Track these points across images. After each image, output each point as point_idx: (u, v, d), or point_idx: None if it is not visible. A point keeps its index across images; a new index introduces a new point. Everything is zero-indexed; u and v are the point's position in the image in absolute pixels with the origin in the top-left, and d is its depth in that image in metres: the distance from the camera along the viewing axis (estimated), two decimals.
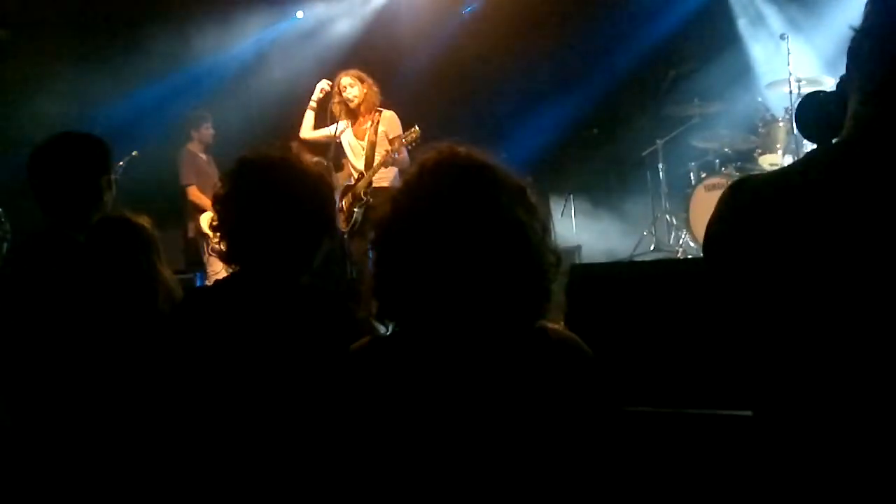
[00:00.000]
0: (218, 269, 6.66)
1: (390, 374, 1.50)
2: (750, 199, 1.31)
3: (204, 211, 6.71)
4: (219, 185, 2.05)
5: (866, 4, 1.27)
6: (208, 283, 6.61)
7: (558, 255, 1.58)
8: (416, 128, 5.71)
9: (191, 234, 6.88)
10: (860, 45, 1.26)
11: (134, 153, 6.43)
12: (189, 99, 7.60)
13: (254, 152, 2.03)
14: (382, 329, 1.74)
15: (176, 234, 7.13)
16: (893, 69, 1.21)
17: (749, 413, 1.32)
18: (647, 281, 4.72)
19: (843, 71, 4.50)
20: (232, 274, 2.00)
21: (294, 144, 6.28)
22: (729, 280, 1.31)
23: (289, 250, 1.96)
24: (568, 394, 1.45)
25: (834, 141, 1.31)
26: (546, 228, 1.58)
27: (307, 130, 6.23)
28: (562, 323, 3.35)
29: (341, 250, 5.91)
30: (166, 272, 2.53)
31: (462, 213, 1.47)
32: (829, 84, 6.33)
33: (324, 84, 6.11)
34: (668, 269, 5.37)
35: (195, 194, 6.82)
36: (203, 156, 7.04)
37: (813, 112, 2.28)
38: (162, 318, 2.34)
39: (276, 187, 1.95)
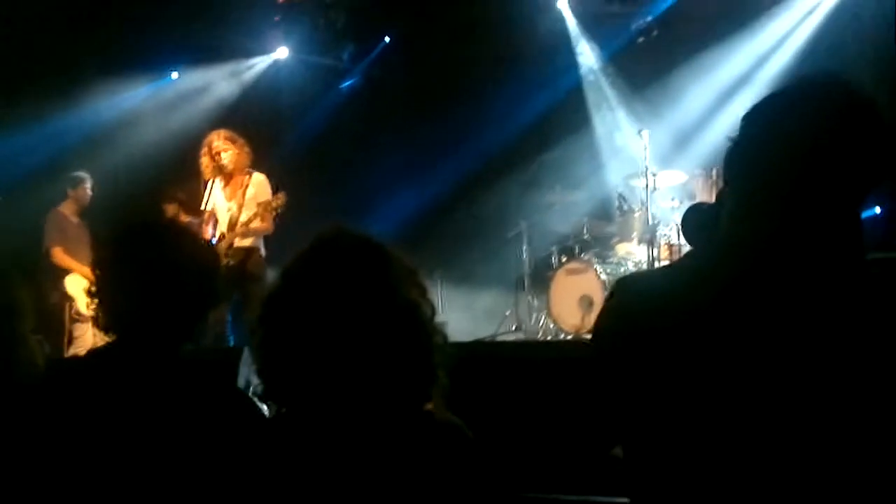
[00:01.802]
0: (81, 334, 6.32)
1: (275, 457, 1.47)
2: (632, 298, 1.39)
3: (69, 273, 6.40)
4: (99, 248, 1.96)
5: (743, 115, 1.38)
6: (71, 348, 6.26)
7: (446, 336, 1.59)
8: (282, 195, 5.75)
9: (52, 298, 6.43)
10: (736, 154, 1.37)
11: None
12: (50, 154, 7.32)
13: (139, 217, 1.97)
14: (264, 408, 1.71)
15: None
16: (766, 177, 1.32)
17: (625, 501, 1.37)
18: (510, 362, 4.87)
19: (680, 164, 4.84)
20: (108, 344, 1.90)
21: (172, 206, 6.15)
22: (614, 375, 1.37)
23: (170, 321, 1.88)
24: (450, 481, 1.45)
25: (709, 245, 1.41)
26: (434, 309, 1.59)
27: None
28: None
29: None
30: (31, 339, 2.36)
31: (354, 293, 1.47)
32: (679, 178, 6.82)
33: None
34: (531, 352, 5.56)
35: (59, 256, 6.47)
36: (75, 218, 6.74)
37: (695, 223, 2.47)
38: (21, 390, 2.19)
39: (161, 255, 1.88)
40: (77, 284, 6.37)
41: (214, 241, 5.87)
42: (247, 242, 5.86)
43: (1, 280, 2.37)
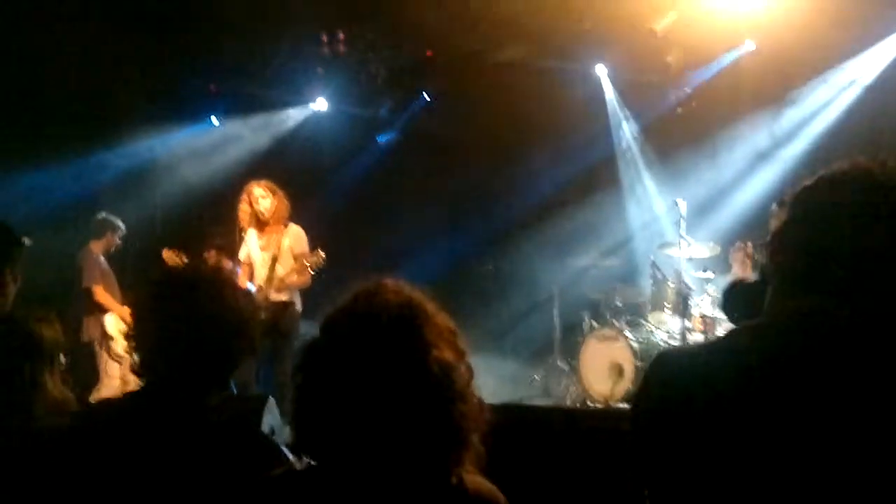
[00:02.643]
0: (115, 375, 6.29)
1: None
2: (676, 373, 1.37)
3: (107, 311, 6.41)
4: (139, 291, 1.96)
5: (793, 195, 1.39)
6: (102, 388, 6.22)
7: (482, 401, 1.55)
8: (321, 253, 5.70)
9: (85, 337, 6.41)
10: (787, 234, 1.37)
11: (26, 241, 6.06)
12: (84, 190, 7.39)
13: (182, 264, 1.96)
14: (294, 459, 1.67)
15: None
16: (814, 256, 1.33)
17: None
18: (541, 427, 4.77)
19: (712, 235, 4.81)
20: (142, 388, 1.88)
21: (212, 252, 6.09)
22: (651, 449, 1.35)
23: (206, 368, 1.87)
24: None
25: (755, 321, 1.39)
26: (472, 372, 1.55)
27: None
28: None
29: None
30: (54, 383, 2.30)
31: (388, 352, 1.45)
32: (713, 249, 6.77)
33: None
34: (562, 418, 5.46)
35: (101, 294, 6.45)
36: (103, 259, 6.70)
37: (738, 298, 2.44)
38: (38, 432, 2.15)
39: (200, 303, 1.88)
40: (115, 325, 6.37)
41: (252, 290, 5.86)
42: (283, 296, 5.83)
43: (30, 326, 2.32)
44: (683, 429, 1.29)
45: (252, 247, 5.96)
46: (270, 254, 5.86)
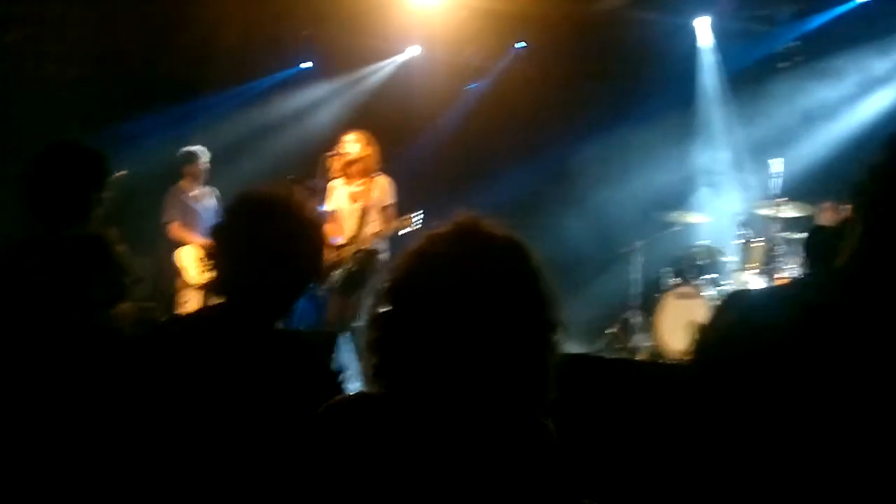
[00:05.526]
0: (188, 299, 6.57)
1: (368, 435, 1.39)
2: (746, 313, 1.41)
3: (184, 246, 6.69)
4: (217, 216, 2.05)
5: (880, 146, 1.36)
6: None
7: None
8: (413, 217, 5.70)
9: (169, 269, 6.76)
10: (867, 183, 1.36)
11: (123, 172, 6.33)
12: (193, 130, 7.61)
13: (255, 190, 2.02)
14: (352, 387, 1.74)
15: (143, 262, 7.04)
16: (883, 210, 1.31)
17: None
18: (610, 379, 4.77)
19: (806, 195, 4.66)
20: (212, 307, 1.99)
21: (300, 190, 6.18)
22: (717, 387, 1.38)
23: (274, 291, 1.97)
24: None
25: (828, 269, 1.40)
26: (560, 313, 1.46)
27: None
28: None
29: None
30: (124, 299, 2.46)
31: (498, 277, 1.40)
32: (805, 210, 6.57)
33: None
34: (631, 370, 5.44)
35: (175, 231, 6.75)
36: (194, 192, 6.94)
37: (819, 243, 2.44)
38: (111, 337, 2.34)
39: (272, 228, 1.96)
40: (191, 256, 6.62)
41: (340, 241, 5.92)
42: (370, 245, 5.87)
43: (95, 239, 2.49)
44: (736, 369, 1.34)
45: (340, 197, 6.02)
46: (359, 206, 5.92)
